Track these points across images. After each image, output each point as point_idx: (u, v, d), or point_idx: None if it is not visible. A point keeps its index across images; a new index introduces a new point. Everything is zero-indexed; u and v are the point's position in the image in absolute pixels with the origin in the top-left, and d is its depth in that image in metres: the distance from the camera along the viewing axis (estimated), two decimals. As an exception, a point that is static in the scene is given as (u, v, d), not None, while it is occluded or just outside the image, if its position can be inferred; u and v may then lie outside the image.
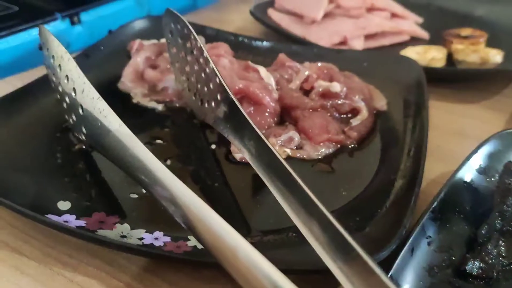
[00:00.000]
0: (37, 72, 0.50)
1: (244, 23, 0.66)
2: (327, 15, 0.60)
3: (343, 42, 0.56)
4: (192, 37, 0.39)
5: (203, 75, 0.38)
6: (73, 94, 0.32)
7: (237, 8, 0.72)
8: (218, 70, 0.36)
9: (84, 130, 0.33)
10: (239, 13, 0.70)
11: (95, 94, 0.30)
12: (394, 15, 0.61)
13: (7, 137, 0.36)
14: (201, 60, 0.38)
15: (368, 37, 0.57)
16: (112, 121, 0.29)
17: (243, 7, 0.73)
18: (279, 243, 0.29)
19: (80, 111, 0.32)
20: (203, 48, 0.37)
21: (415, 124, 0.39)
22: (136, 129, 0.29)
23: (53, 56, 0.34)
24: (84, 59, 0.46)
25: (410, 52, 0.51)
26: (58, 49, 0.33)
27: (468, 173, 0.32)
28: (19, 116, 0.38)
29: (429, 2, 0.72)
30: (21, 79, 0.48)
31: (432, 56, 0.50)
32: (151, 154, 0.27)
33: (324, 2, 0.59)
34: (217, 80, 0.36)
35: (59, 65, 0.33)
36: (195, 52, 0.39)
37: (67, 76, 0.33)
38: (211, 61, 0.36)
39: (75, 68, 0.32)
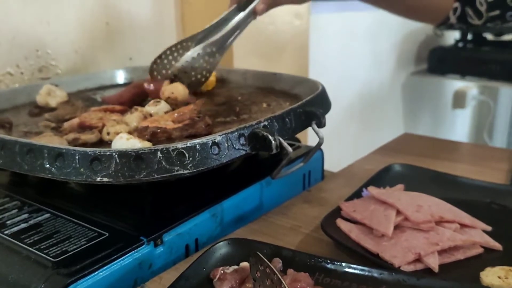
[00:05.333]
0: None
1: (312, 229, 0.69)
2: (396, 227, 0.61)
3: (418, 259, 0.56)
4: (283, 286, 0.41)
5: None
6: None
7: (302, 210, 0.76)
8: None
9: None
10: (305, 216, 0.73)
11: None
12: (463, 225, 0.62)
13: None
14: (292, 310, 0.39)
15: (441, 251, 0.58)
16: None
17: (307, 209, 0.76)
18: None
19: None
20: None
21: None
22: None
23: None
24: (174, 295, 0.49)
25: (491, 276, 0.51)
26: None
27: None
28: None
29: (492, 200, 0.73)
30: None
31: (516, 282, 0.49)
32: None
33: (392, 217, 0.61)
34: None
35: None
36: (285, 300, 0.40)
37: None
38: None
39: None
